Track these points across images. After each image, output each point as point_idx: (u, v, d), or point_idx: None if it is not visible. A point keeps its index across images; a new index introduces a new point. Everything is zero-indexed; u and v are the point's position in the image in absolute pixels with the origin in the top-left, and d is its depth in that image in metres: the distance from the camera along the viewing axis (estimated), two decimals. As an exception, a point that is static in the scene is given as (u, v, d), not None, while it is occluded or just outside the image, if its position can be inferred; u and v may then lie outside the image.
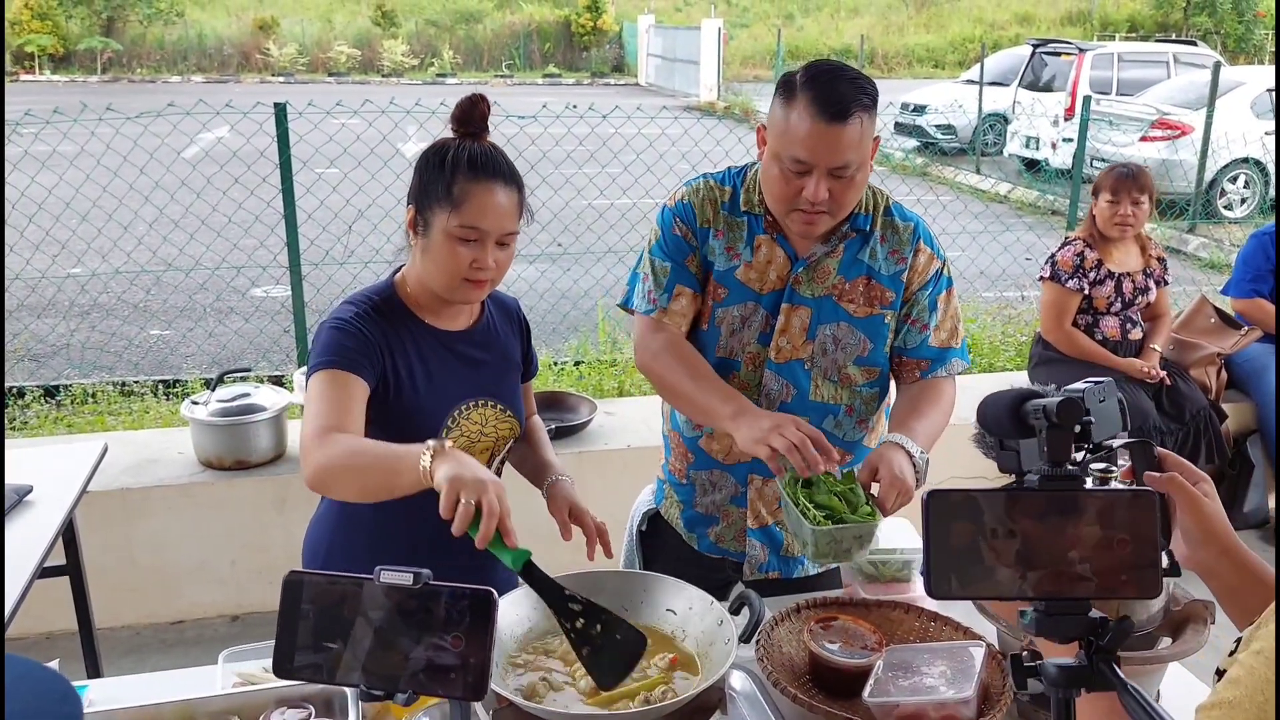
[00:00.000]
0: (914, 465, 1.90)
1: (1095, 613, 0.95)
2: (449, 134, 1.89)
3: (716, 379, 2.04)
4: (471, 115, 1.87)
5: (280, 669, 1.09)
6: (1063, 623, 0.94)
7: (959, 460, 2.07)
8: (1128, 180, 4.16)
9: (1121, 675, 0.93)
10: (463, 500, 1.45)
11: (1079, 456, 1.30)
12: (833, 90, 1.84)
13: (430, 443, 1.57)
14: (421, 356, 1.92)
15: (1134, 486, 1.36)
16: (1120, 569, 0.94)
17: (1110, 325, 4.26)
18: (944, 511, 0.94)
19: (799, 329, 2.06)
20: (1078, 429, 1.25)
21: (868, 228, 2.05)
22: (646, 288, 2.12)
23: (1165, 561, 0.99)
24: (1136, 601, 1.79)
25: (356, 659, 1.07)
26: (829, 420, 2.11)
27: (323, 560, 2.07)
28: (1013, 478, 1.19)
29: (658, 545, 2.36)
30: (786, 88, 1.90)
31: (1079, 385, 1.34)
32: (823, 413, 2.10)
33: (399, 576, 1.07)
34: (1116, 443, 1.36)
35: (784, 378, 2.08)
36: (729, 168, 2.16)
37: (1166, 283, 4.37)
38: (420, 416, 1.92)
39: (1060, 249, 4.31)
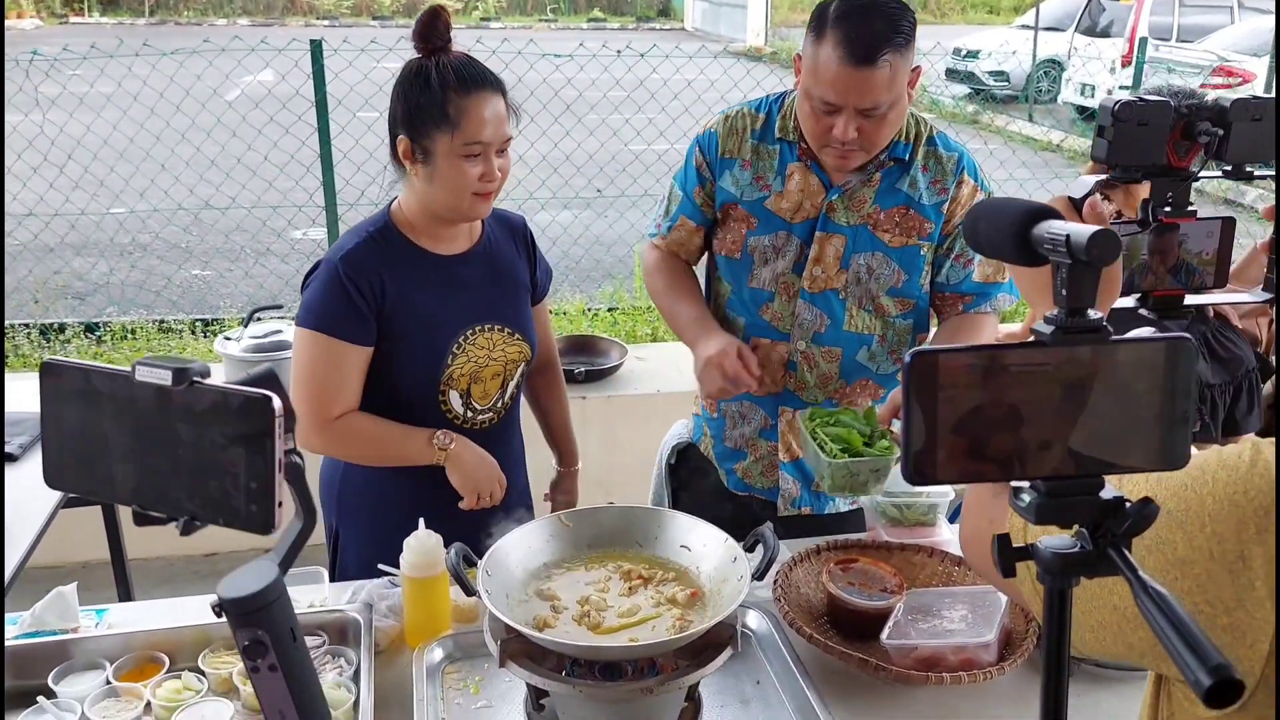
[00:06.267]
0: None
1: (1109, 491, 0.79)
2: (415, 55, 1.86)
3: (690, 301, 2.15)
4: (435, 28, 1.84)
5: (50, 478, 0.98)
6: (1069, 505, 0.78)
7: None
8: None
9: (1133, 562, 0.76)
10: (481, 500, 1.98)
11: (1203, 171, 1.17)
12: (862, 30, 1.78)
13: (437, 441, 1.92)
14: (422, 285, 1.92)
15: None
16: (1142, 435, 0.78)
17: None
18: (927, 377, 0.76)
19: (833, 257, 2.04)
20: (1205, 139, 1.12)
21: (907, 157, 2.01)
22: (658, 213, 2.19)
23: (1195, 423, 0.82)
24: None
25: (129, 475, 0.94)
26: (862, 352, 2.10)
27: (339, 483, 2.07)
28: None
29: (686, 479, 2.38)
30: (818, 21, 1.84)
31: (1230, 96, 1.16)
32: (857, 343, 2.09)
33: (156, 373, 0.90)
34: (1261, 174, 1.18)
35: (818, 307, 2.06)
36: (767, 94, 2.13)
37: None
38: (426, 345, 1.93)
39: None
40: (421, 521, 1.72)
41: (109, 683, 1.57)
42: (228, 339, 3.73)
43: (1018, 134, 12.15)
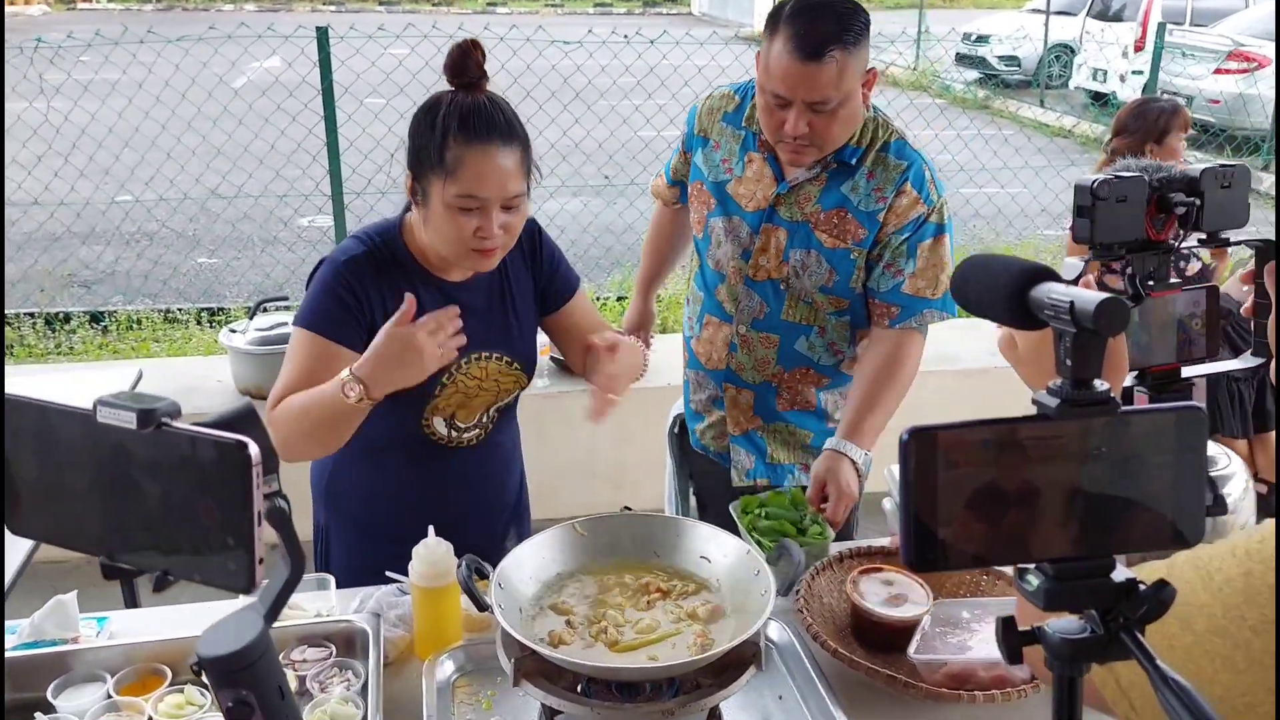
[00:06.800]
0: (858, 471, 1.99)
1: (1121, 573, 0.74)
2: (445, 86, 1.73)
3: (644, 266, 2.59)
4: (465, 65, 1.69)
5: (13, 523, 0.89)
6: (1079, 589, 0.74)
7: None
8: (1178, 116, 3.86)
9: (1149, 649, 0.72)
10: (427, 354, 1.60)
11: (1181, 241, 1.18)
12: (811, 28, 1.86)
13: (344, 378, 1.63)
14: (420, 307, 1.76)
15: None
16: (1155, 512, 0.74)
17: None
18: (928, 457, 0.71)
19: (775, 250, 2.12)
20: (1180, 210, 1.14)
21: (854, 161, 2.04)
22: None
23: (1209, 497, 0.79)
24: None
25: (96, 523, 0.86)
26: (801, 341, 2.18)
27: (325, 484, 2.03)
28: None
29: (685, 444, 2.50)
30: (773, 20, 1.92)
31: (1196, 168, 1.18)
32: (795, 332, 2.17)
33: (119, 415, 0.82)
34: (1236, 237, 1.19)
35: (757, 294, 2.16)
36: (751, 78, 2.15)
37: None
38: None
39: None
40: (431, 530, 1.66)
41: (110, 696, 1.52)
42: (233, 331, 3.69)
43: (1030, 119, 12.06)
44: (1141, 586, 0.73)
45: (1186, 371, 1.28)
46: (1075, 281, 1.08)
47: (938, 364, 4.15)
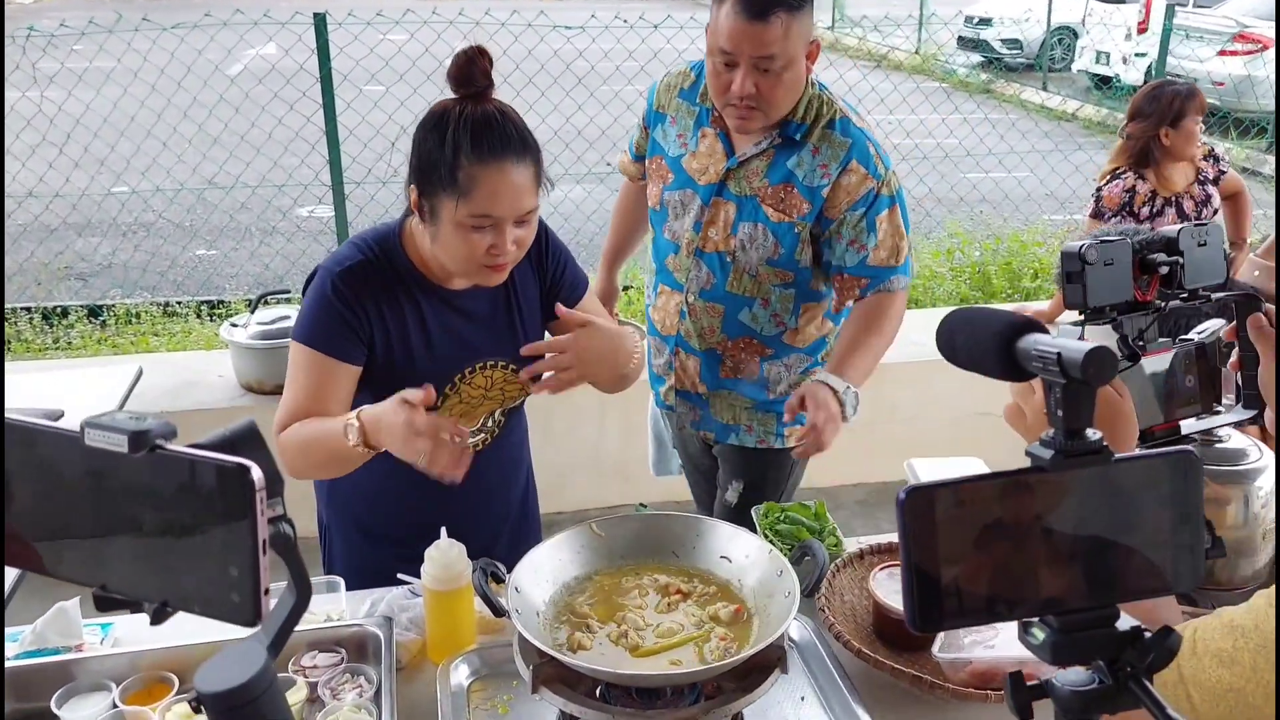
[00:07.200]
0: (839, 399, 1.97)
1: (1125, 621, 0.75)
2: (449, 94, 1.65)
3: (608, 241, 2.63)
4: (471, 74, 1.61)
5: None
6: (1085, 640, 0.74)
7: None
8: (1194, 99, 3.80)
9: (1158, 697, 0.72)
10: (424, 461, 1.50)
11: (1164, 303, 1.23)
12: None
13: (350, 430, 1.58)
14: (421, 318, 1.74)
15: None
16: (1154, 559, 0.74)
17: None
18: (926, 515, 0.71)
19: (723, 223, 2.18)
20: (1164, 270, 1.19)
21: (798, 137, 2.10)
22: None
23: (1208, 539, 0.77)
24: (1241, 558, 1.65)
25: (88, 552, 0.80)
26: (745, 312, 2.24)
27: (328, 483, 1.99)
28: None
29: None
30: None
31: (1172, 229, 1.23)
32: (740, 304, 2.24)
33: (109, 437, 0.75)
34: (1218, 295, 1.24)
35: (707, 266, 2.23)
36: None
37: (1225, 171, 4.00)
38: (418, 382, 1.72)
39: (1108, 183, 3.93)
40: (444, 531, 1.62)
41: (115, 706, 1.47)
42: (234, 325, 3.64)
43: (1033, 103, 11.98)
44: (1146, 634, 0.74)
45: (1186, 428, 1.31)
46: None
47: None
